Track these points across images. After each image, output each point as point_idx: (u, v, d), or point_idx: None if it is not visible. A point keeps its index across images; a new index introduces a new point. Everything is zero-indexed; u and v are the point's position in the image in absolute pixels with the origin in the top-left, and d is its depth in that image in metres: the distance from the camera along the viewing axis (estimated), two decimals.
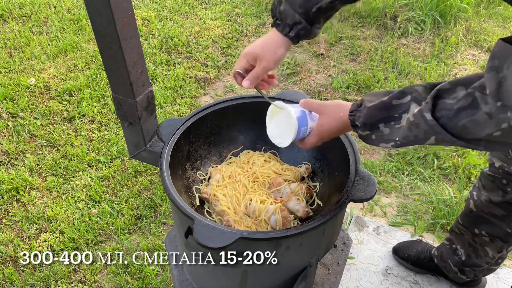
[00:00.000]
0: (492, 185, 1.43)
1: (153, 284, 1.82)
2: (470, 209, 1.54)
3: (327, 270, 1.51)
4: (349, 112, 0.92)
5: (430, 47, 3.32)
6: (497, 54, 0.66)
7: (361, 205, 2.21)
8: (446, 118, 0.74)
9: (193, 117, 1.32)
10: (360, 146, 2.52)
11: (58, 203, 2.17)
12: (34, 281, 1.84)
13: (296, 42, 1.05)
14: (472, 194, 1.53)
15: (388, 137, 0.85)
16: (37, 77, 2.99)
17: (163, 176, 1.13)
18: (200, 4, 3.95)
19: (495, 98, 0.66)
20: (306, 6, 0.99)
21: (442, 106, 0.75)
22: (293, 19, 1.01)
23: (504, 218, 1.45)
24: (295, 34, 1.03)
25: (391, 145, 0.85)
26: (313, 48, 3.36)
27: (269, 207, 1.24)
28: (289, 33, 1.03)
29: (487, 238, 1.51)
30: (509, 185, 1.39)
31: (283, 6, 1.01)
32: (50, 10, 3.75)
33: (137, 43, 1.26)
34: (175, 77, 3.03)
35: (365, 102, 0.88)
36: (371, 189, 1.10)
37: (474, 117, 0.70)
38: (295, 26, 1.02)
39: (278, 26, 1.04)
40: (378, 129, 0.86)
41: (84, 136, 2.55)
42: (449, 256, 1.69)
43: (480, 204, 1.49)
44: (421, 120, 0.76)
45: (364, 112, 0.87)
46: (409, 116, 0.79)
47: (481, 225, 1.52)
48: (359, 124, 0.89)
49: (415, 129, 0.79)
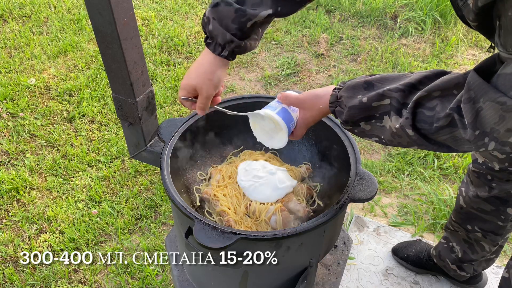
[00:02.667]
0: (478, 181, 1.46)
1: (153, 284, 1.82)
2: (461, 206, 1.55)
3: (327, 270, 1.51)
4: (329, 104, 0.94)
5: (431, 47, 3.32)
6: (473, 87, 0.69)
7: (362, 205, 2.21)
8: (427, 132, 0.77)
9: (193, 117, 1.32)
10: (360, 146, 2.52)
11: (58, 203, 2.17)
12: (34, 281, 1.84)
13: (232, 59, 1.01)
14: (461, 190, 1.55)
15: (370, 132, 0.88)
16: (37, 77, 2.99)
17: (164, 176, 1.13)
18: (200, 4, 3.95)
19: (474, 128, 0.70)
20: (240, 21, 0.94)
21: (422, 117, 0.77)
22: (224, 39, 0.95)
23: (494, 213, 1.47)
24: (229, 52, 0.99)
25: (375, 140, 0.88)
26: (313, 48, 3.36)
27: (270, 207, 1.24)
28: (222, 52, 0.98)
29: (480, 234, 1.53)
30: (493, 181, 1.41)
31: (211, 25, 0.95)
32: (50, 10, 3.75)
33: (137, 43, 1.26)
34: (175, 77, 3.03)
35: (344, 100, 0.89)
36: (371, 189, 1.10)
37: (453, 134, 0.74)
38: (228, 45, 0.97)
39: (209, 46, 0.99)
40: (359, 126, 0.88)
41: (84, 136, 2.55)
42: (446, 255, 1.70)
43: (469, 200, 1.51)
44: (403, 133, 0.79)
45: (346, 111, 0.88)
46: (391, 125, 0.82)
47: (472, 221, 1.53)
48: (340, 120, 0.92)
49: (398, 138, 0.82)
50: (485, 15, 0.74)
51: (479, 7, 0.71)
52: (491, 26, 0.75)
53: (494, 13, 0.72)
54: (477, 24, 0.78)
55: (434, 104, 0.76)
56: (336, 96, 0.92)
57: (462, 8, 0.80)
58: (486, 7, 0.70)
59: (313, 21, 3.63)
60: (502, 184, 1.39)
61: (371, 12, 3.62)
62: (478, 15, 0.74)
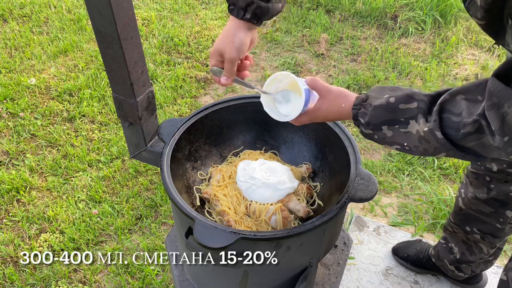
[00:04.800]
0: (477, 182, 1.45)
1: (153, 284, 1.82)
2: (460, 207, 1.55)
3: (327, 270, 1.51)
4: (353, 105, 0.91)
5: (431, 47, 3.32)
6: (495, 93, 0.68)
7: (362, 205, 2.21)
8: (454, 138, 0.75)
9: (194, 117, 1.32)
10: (361, 146, 2.52)
11: (59, 203, 2.17)
12: (34, 281, 1.84)
13: (257, 23, 1.02)
14: (460, 191, 1.55)
15: (391, 139, 0.85)
16: (38, 77, 2.99)
17: (164, 176, 1.13)
18: (200, 4, 3.95)
19: (502, 134, 0.68)
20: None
21: (448, 123, 0.75)
22: (245, 1, 0.98)
23: (493, 215, 1.46)
24: (251, 15, 1.00)
25: (396, 147, 0.85)
26: (314, 48, 3.36)
27: (270, 207, 1.24)
28: (245, 15, 0.99)
29: (479, 236, 1.53)
30: (492, 182, 1.40)
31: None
32: (51, 10, 3.75)
33: (138, 43, 1.26)
34: (176, 77, 3.03)
35: (371, 100, 0.87)
36: (371, 189, 1.10)
37: (481, 141, 0.73)
38: (249, 7, 0.98)
39: (232, 12, 1.01)
40: (381, 130, 0.85)
41: (84, 136, 2.55)
42: (445, 255, 1.70)
43: (468, 202, 1.51)
44: (432, 137, 0.77)
45: (370, 110, 0.86)
46: (419, 129, 0.79)
47: (471, 223, 1.53)
48: (362, 121, 0.88)
49: (426, 143, 0.79)
50: (495, 13, 0.72)
51: (489, 2, 0.69)
52: (501, 26, 0.74)
53: (505, 12, 0.70)
54: (485, 23, 0.76)
55: (459, 109, 0.74)
56: (363, 98, 0.89)
57: (469, 7, 0.79)
58: (496, 2, 0.68)
59: (313, 21, 3.63)
60: (501, 185, 1.39)
61: (371, 12, 3.62)
62: (488, 12, 0.72)
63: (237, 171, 1.33)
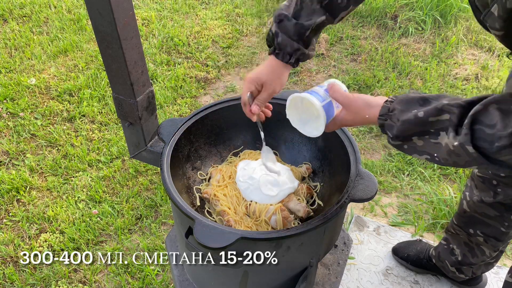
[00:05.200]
0: (483, 186, 1.43)
1: (153, 284, 1.82)
2: (464, 210, 1.54)
3: (327, 270, 1.51)
4: (378, 116, 0.89)
5: (431, 47, 3.32)
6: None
7: (362, 205, 2.21)
8: (487, 151, 0.73)
9: (194, 117, 1.32)
10: (361, 146, 2.52)
11: (59, 203, 2.17)
12: (34, 281, 1.84)
13: (296, 66, 1.12)
14: (465, 194, 1.54)
15: (421, 149, 0.83)
16: (38, 77, 2.99)
17: (164, 176, 1.13)
18: (201, 4, 3.95)
19: None
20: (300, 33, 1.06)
21: (481, 135, 0.73)
22: (292, 47, 1.08)
23: (498, 218, 1.45)
24: (295, 59, 1.10)
25: (426, 158, 0.83)
26: None
27: (270, 207, 1.24)
28: (290, 59, 1.10)
29: (482, 238, 1.52)
30: (499, 186, 1.39)
31: (280, 38, 1.08)
32: (51, 10, 3.75)
33: (138, 43, 1.26)
34: (176, 77, 3.03)
35: (398, 113, 0.84)
36: (371, 189, 1.10)
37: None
38: (295, 53, 1.09)
39: (277, 56, 1.10)
40: (411, 140, 0.83)
41: (84, 136, 2.55)
42: (446, 256, 1.70)
43: (473, 205, 1.49)
44: (463, 151, 0.75)
45: (398, 125, 0.84)
46: (448, 143, 0.77)
47: (475, 225, 1.52)
48: (390, 134, 0.87)
49: (456, 156, 0.77)
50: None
51: (508, 9, 0.66)
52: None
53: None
54: (503, 33, 0.73)
55: (493, 120, 0.71)
56: (388, 108, 0.87)
57: (486, 19, 0.76)
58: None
59: None
60: (508, 189, 1.37)
61: (371, 12, 3.62)
62: (507, 21, 0.69)
63: (237, 171, 1.33)
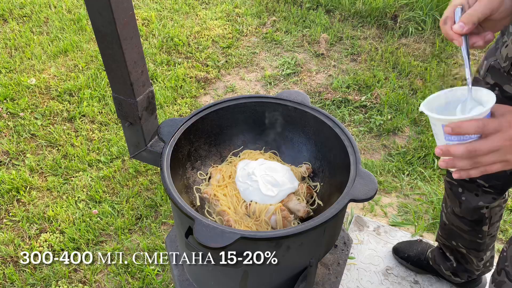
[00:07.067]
0: (451, 193, 1.43)
1: (153, 284, 1.82)
2: (444, 222, 1.56)
3: (327, 270, 1.51)
4: None
5: (431, 47, 3.32)
6: None
7: (361, 205, 2.21)
8: None
9: (194, 117, 1.32)
10: (361, 146, 2.52)
11: (59, 203, 2.17)
12: (34, 281, 1.84)
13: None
14: (442, 205, 1.55)
15: None
16: (38, 77, 2.99)
17: (164, 176, 1.13)
18: (201, 4, 3.95)
19: None
20: None
21: None
22: None
23: (471, 232, 1.47)
24: None
25: None
26: (314, 48, 3.36)
27: (270, 207, 1.24)
28: None
29: (464, 250, 1.54)
30: (463, 194, 1.38)
31: None
32: (51, 10, 3.75)
33: (138, 43, 1.26)
34: (176, 77, 3.03)
35: None
36: (371, 189, 1.10)
37: None
38: None
39: None
40: None
41: (84, 136, 2.55)
42: (441, 261, 1.71)
43: (449, 217, 1.51)
44: None
45: None
46: None
47: (455, 238, 1.54)
48: None
49: None
50: None
51: None
52: None
53: None
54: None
55: None
56: None
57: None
58: None
59: (313, 21, 3.63)
60: (471, 198, 1.37)
61: (371, 12, 3.62)
62: None
63: (236, 171, 1.33)
